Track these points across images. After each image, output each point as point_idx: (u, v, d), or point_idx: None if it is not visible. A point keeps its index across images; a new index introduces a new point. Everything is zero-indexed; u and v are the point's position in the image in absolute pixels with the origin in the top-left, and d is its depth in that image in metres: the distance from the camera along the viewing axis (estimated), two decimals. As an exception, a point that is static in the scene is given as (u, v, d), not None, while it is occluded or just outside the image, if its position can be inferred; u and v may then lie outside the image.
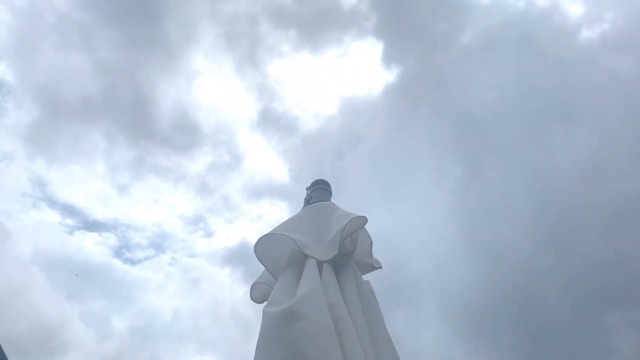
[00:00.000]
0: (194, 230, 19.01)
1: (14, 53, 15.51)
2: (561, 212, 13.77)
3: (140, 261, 18.13)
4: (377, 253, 2.72)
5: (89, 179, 16.94)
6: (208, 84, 17.35)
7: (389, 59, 18.04)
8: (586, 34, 16.06)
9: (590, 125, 14.40)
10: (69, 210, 17.05)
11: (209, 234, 19.12)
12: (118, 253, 17.66)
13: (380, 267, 2.64)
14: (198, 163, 17.41)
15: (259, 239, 2.52)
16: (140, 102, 16.15)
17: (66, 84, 15.08)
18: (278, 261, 2.52)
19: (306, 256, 2.41)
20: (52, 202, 16.81)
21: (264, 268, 2.65)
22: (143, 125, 16.73)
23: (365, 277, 2.63)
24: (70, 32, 14.96)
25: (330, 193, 2.92)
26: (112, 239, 17.72)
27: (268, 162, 18.11)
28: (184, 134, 16.84)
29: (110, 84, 15.46)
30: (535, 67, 15.32)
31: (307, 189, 2.96)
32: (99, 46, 15.15)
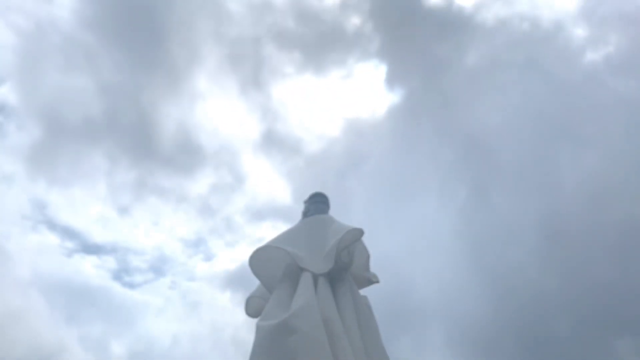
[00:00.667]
0: (194, 254, 18.88)
1: (18, 74, 15.71)
2: (568, 234, 13.61)
3: (139, 285, 17.98)
4: (381, 277, 2.66)
5: (89, 201, 16.93)
6: (211, 105, 17.47)
7: (392, 80, 18.13)
8: (591, 55, 16.10)
9: (597, 147, 14.34)
10: (68, 232, 17.02)
11: (209, 257, 18.97)
12: (117, 276, 17.52)
13: (378, 282, 2.57)
14: (200, 184, 17.39)
15: (254, 251, 2.48)
16: (143, 123, 16.25)
17: (69, 105, 15.22)
18: (273, 274, 2.46)
19: (302, 269, 2.35)
20: (52, 225, 16.78)
21: (259, 282, 2.59)
22: (145, 147, 16.78)
23: (365, 292, 2.57)
24: (75, 54, 15.16)
25: (328, 206, 2.87)
26: (111, 262, 17.61)
27: (271, 183, 18.05)
28: (186, 155, 16.87)
29: (113, 105, 15.59)
30: (540, 88, 15.34)
31: (305, 202, 2.91)
32: (103, 68, 15.32)
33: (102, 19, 15.42)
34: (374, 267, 2.67)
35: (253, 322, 2.52)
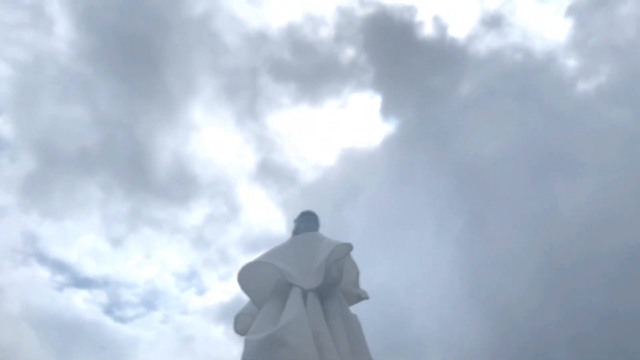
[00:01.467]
0: (187, 287, 18.66)
1: (13, 106, 15.81)
2: (567, 263, 13.53)
3: (131, 319, 17.66)
4: (379, 309, 2.64)
5: (82, 233, 16.83)
6: (207, 135, 17.58)
7: (387, 110, 18.34)
8: (583, 85, 16.35)
9: (593, 175, 14.40)
10: (59, 266, 16.87)
11: (202, 291, 18.74)
12: (108, 310, 17.24)
13: (367, 298, 2.56)
14: (195, 215, 17.31)
15: (243, 267, 2.47)
16: (138, 153, 16.30)
17: (64, 136, 15.29)
18: (262, 290, 2.45)
19: (291, 285, 2.34)
20: (43, 258, 16.63)
21: (248, 299, 2.57)
22: (140, 177, 16.78)
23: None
24: (71, 85, 15.30)
25: (317, 224, 2.88)
26: (102, 296, 17.35)
27: (266, 213, 18.00)
28: (181, 186, 16.86)
29: (108, 136, 15.66)
30: (534, 118, 15.52)
31: (295, 220, 2.92)
32: (99, 98, 15.46)
33: (99, 50, 15.61)
34: (372, 297, 2.64)
35: (235, 330, 2.51)
